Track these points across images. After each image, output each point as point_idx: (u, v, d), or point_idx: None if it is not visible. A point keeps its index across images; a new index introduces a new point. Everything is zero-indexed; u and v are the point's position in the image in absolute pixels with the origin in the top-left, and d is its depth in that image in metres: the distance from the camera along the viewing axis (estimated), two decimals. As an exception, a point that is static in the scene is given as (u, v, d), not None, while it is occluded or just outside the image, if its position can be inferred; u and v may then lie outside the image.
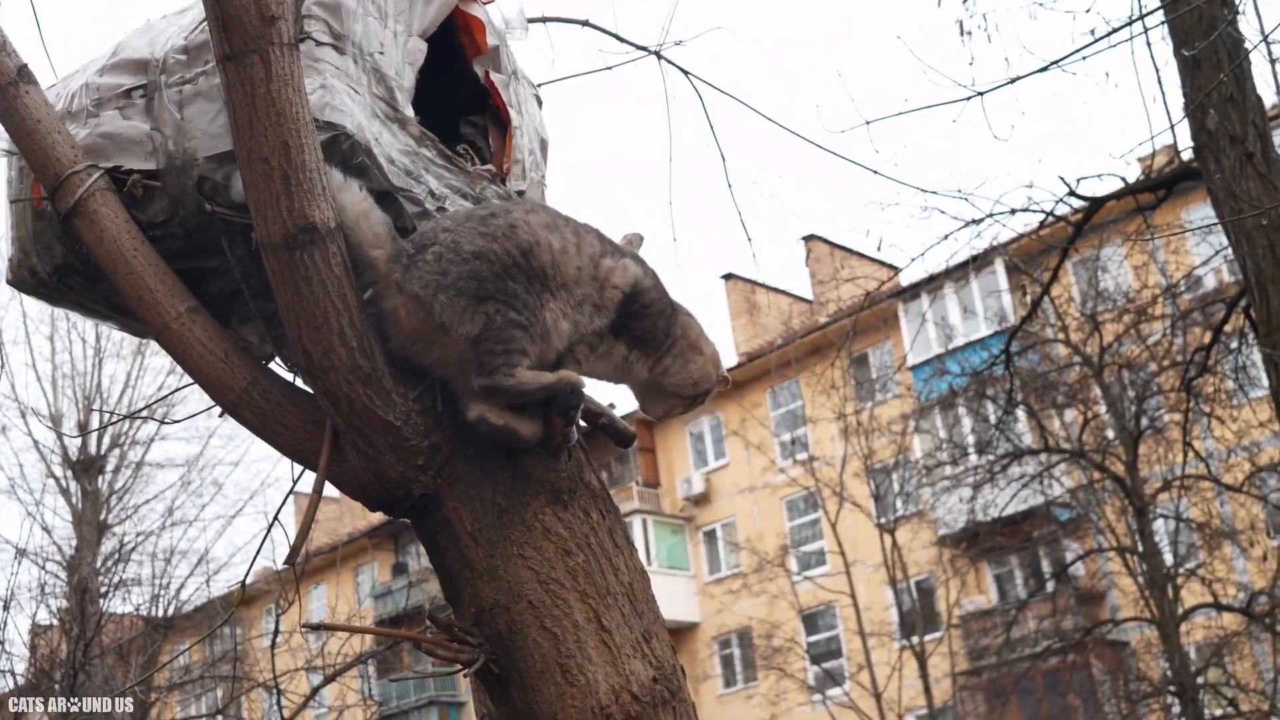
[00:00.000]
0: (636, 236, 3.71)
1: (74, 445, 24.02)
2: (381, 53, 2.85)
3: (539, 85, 4.17)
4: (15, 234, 3.07)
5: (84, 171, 2.84)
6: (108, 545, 23.37)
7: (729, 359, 33.87)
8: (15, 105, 2.88)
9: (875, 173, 5.70)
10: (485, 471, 2.72)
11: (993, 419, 19.68)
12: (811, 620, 29.85)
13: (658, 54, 4.93)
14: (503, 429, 2.65)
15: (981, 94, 6.60)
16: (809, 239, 28.86)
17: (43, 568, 21.89)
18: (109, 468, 24.29)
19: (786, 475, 27.90)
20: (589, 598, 2.67)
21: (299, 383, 2.90)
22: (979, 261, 21.84)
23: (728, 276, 34.74)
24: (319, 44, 2.74)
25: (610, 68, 4.60)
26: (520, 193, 3.16)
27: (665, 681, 2.67)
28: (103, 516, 23.80)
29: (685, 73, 5.14)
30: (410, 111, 2.89)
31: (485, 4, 3.17)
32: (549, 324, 2.71)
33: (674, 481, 34.02)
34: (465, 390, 2.67)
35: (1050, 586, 21.96)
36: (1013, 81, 6.67)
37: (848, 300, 22.08)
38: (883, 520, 23.95)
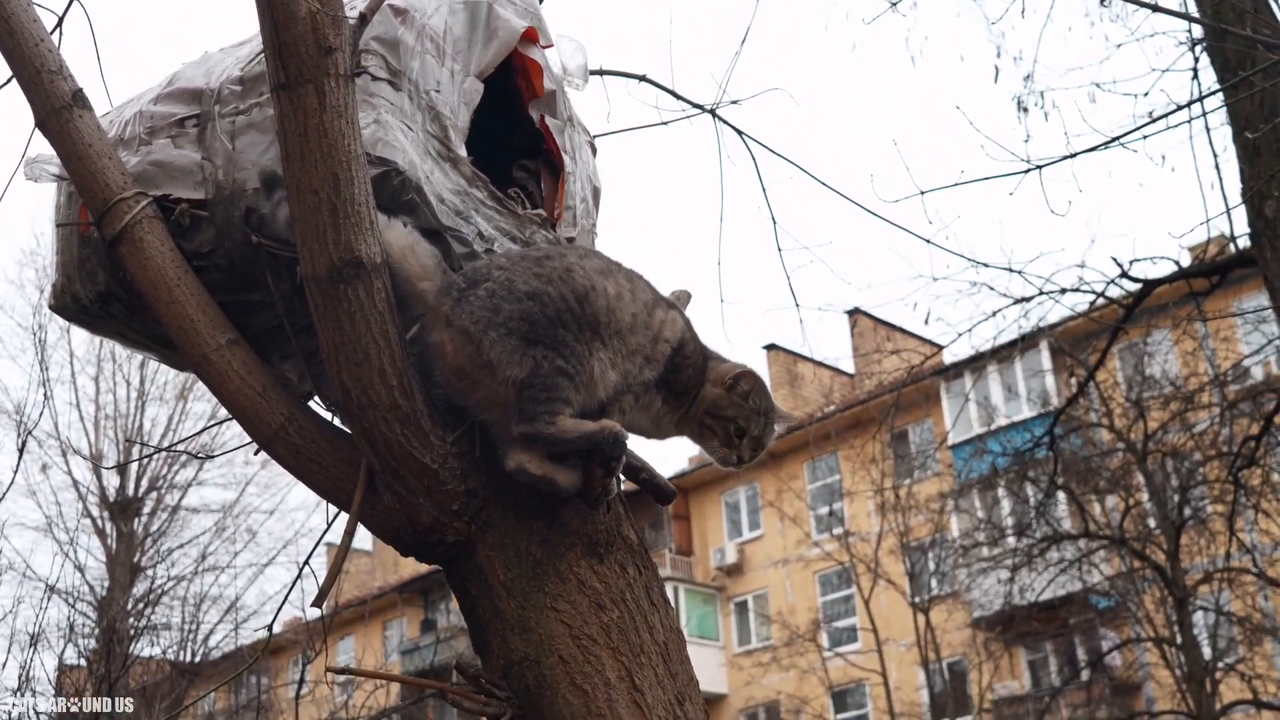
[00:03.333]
0: (684, 294, 3.66)
1: (112, 486, 24.11)
2: (438, 91, 2.81)
3: (594, 136, 4.15)
4: (60, 259, 3.05)
5: (132, 198, 2.82)
6: (140, 588, 23.41)
7: (768, 430, 33.66)
8: (68, 129, 2.87)
9: (928, 243, 5.66)
10: (521, 520, 2.66)
11: (1033, 501, 19.47)
12: (841, 698, 29.49)
13: (713, 112, 4.91)
14: (542, 479, 2.59)
15: (1039, 167, 6.52)
16: (853, 313, 28.83)
17: (73, 607, 21.92)
18: (145, 510, 24.38)
19: (821, 549, 27.65)
20: (622, 655, 2.59)
21: (337, 422, 2.85)
22: (1025, 343, 21.80)
23: (770, 347, 34.65)
24: (375, 79, 2.71)
25: (665, 123, 4.57)
26: (570, 239, 3.12)
27: (697, 746, 2.59)
28: (136, 559, 23.85)
29: (740, 133, 5.11)
30: (464, 151, 2.85)
31: (545, 48, 3.14)
32: (596, 374, 2.65)
33: (707, 550, 33.80)
34: (505, 437, 2.61)
35: (1085, 675, 21.59)
36: (1071, 156, 6.59)
37: (890, 375, 22.01)
38: (917, 599, 23.66)
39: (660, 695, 2.59)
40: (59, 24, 3.87)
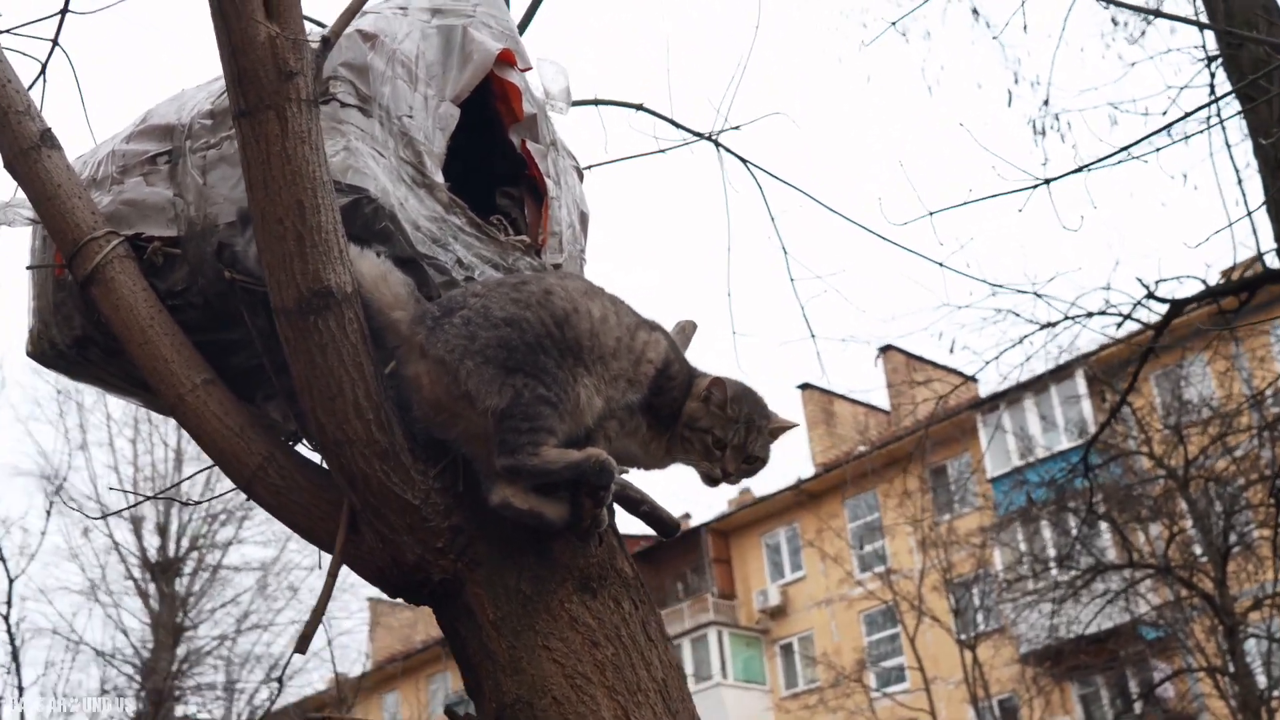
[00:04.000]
0: (690, 324, 3.56)
1: (153, 547, 24.13)
2: (410, 116, 2.73)
3: (590, 166, 4.06)
4: (36, 304, 2.98)
5: (103, 238, 2.74)
6: (183, 648, 23.40)
7: (805, 469, 33.49)
8: (36, 170, 2.81)
9: (942, 266, 5.52)
10: (509, 556, 2.55)
11: (1074, 532, 19.19)
12: (891, 739, 29.08)
13: (715, 140, 4.82)
14: (529, 513, 2.48)
15: (1048, 181, 6.38)
16: (885, 349, 28.62)
17: (118, 669, 21.93)
18: (187, 570, 24.37)
19: (864, 588, 27.36)
20: (618, 694, 2.48)
21: (320, 460, 2.76)
22: (1059, 372, 21.58)
23: (804, 386, 34.44)
24: (344, 105, 2.63)
25: (663, 150, 4.49)
26: (557, 265, 3.03)
27: (700, 788, 2.46)
28: (179, 619, 23.82)
29: (744, 161, 5.02)
30: (440, 177, 2.77)
31: (524, 71, 3.05)
32: (581, 401, 2.54)
33: (750, 593, 33.51)
34: (488, 471, 2.51)
35: (1138, 708, 21.21)
36: (1080, 170, 6.46)
37: (925, 410, 21.82)
38: (963, 636, 23.34)
39: (658, 735, 2.47)
40: (43, 70, 3.82)
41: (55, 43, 3.81)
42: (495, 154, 3.10)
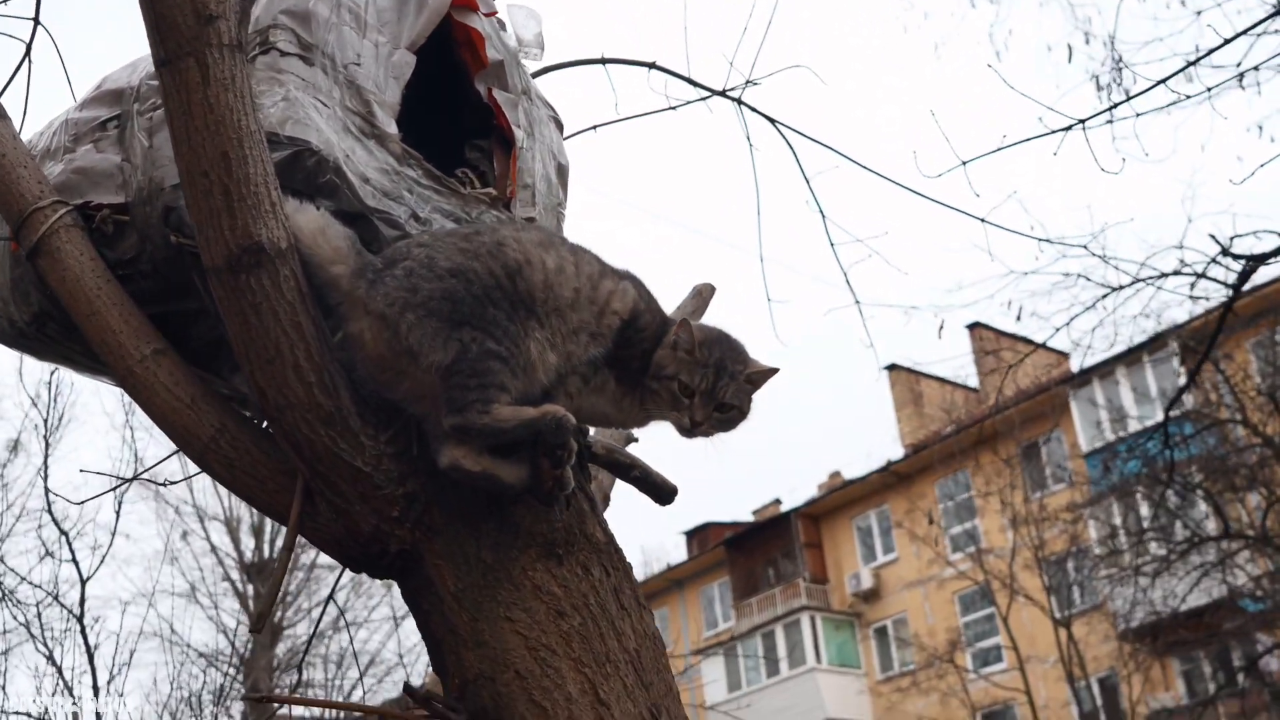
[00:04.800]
0: (707, 287, 3.40)
1: (249, 549, 24.41)
2: (358, 64, 2.59)
3: (597, 126, 3.90)
4: (-6, 282, 2.87)
5: (49, 207, 2.63)
6: (281, 647, 23.63)
7: (894, 451, 33.09)
8: (-21, 141, 2.69)
9: (983, 221, 5.26)
10: (469, 523, 2.40)
11: (1171, 505, 18.73)
12: (989, 720, 28.65)
13: (737, 100, 4.62)
14: (481, 475, 2.33)
15: (1082, 122, 6.08)
16: (974, 327, 28.15)
17: (219, 669, 22.16)
18: (283, 570, 24.59)
19: (955, 569, 26.95)
20: (585, 666, 2.32)
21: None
22: (1153, 344, 21.06)
23: (891, 367, 33.99)
24: (284, 54, 2.50)
25: (674, 107, 4.31)
26: (530, 219, 2.87)
27: (674, 764, 2.30)
28: (276, 618, 24.05)
29: (772, 121, 4.82)
30: (393, 128, 2.62)
31: (488, 16, 2.90)
32: (533, 356, 2.38)
33: (842, 577, 33.17)
34: (438, 432, 2.35)
35: (1242, 682, 20.65)
36: (1115, 106, 6.16)
37: (1013, 387, 21.37)
38: (1058, 614, 22.90)
39: (630, 709, 2.32)
40: (27, 50, 3.74)
41: (36, 20, 3.73)
42: (464, 106, 2.95)
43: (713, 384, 2.54)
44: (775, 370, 2.63)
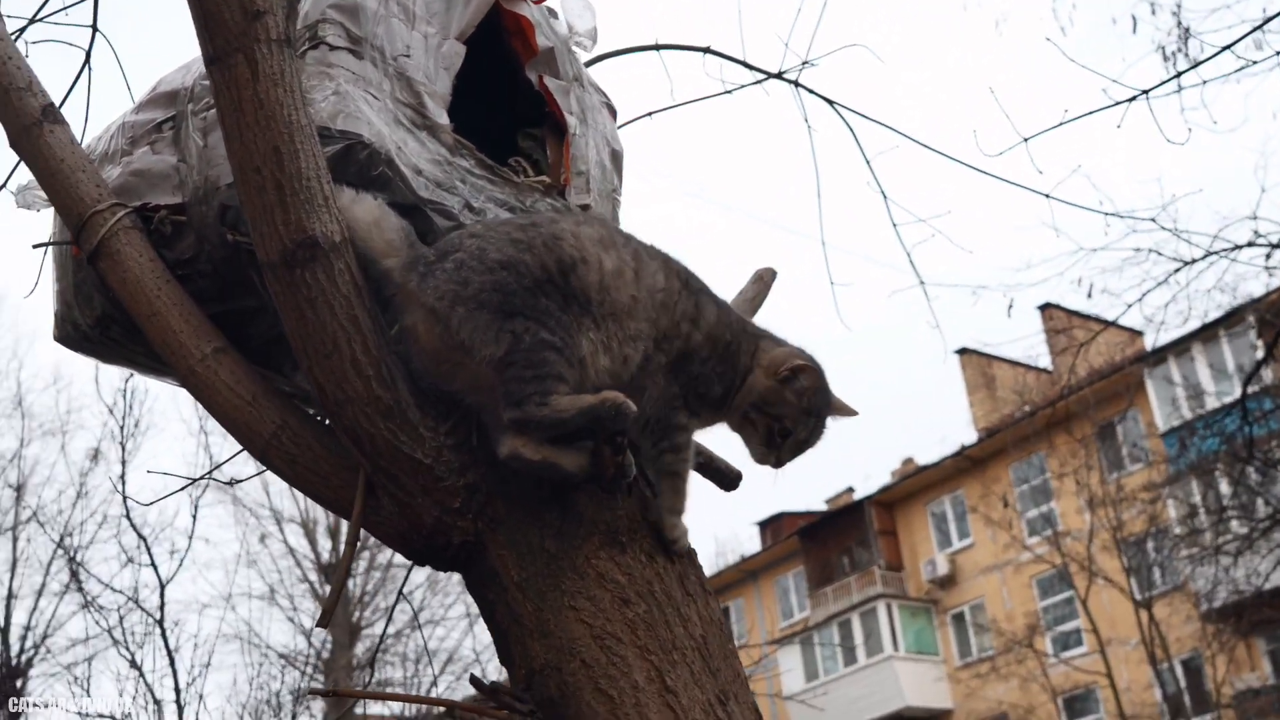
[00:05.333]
0: (768, 271, 3.36)
1: (325, 550, 24.66)
2: (408, 56, 2.59)
3: (654, 112, 3.88)
4: (58, 287, 2.90)
5: (108, 210, 2.65)
6: (360, 648, 23.84)
7: (967, 437, 32.81)
8: (39, 146, 2.72)
9: (1048, 197, 5.19)
10: (531, 512, 2.39)
11: (1250, 483, 18.42)
12: (1071, 704, 28.35)
13: (794, 81, 4.58)
14: (541, 464, 2.31)
15: (1146, 92, 5.96)
16: (1045, 308, 27.86)
17: (300, 669, 22.44)
18: (358, 570, 24.81)
19: (1033, 553, 26.70)
20: (651, 654, 2.30)
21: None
22: (1230, 320, 20.72)
23: (962, 351, 33.75)
24: (333, 48, 2.50)
25: (729, 91, 4.27)
26: (585, 207, 2.85)
27: (743, 750, 2.27)
28: (355, 618, 24.25)
29: (830, 102, 4.78)
30: (444, 119, 2.61)
31: (537, 3, 2.88)
32: (585, 352, 2.35)
33: (918, 564, 32.97)
34: (497, 423, 2.34)
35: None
36: (1180, 74, 6.03)
37: (1091, 366, 21.15)
38: (1139, 595, 22.63)
39: (697, 695, 2.29)
40: (87, 58, 3.78)
41: (94, 28, 3.77)
42: (516, 95, 2.94)
43: (809, 434, 2.53)
44: (855, 414, 2.61)
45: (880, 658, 30.88)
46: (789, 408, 2.51)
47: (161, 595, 11.09)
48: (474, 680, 2.36)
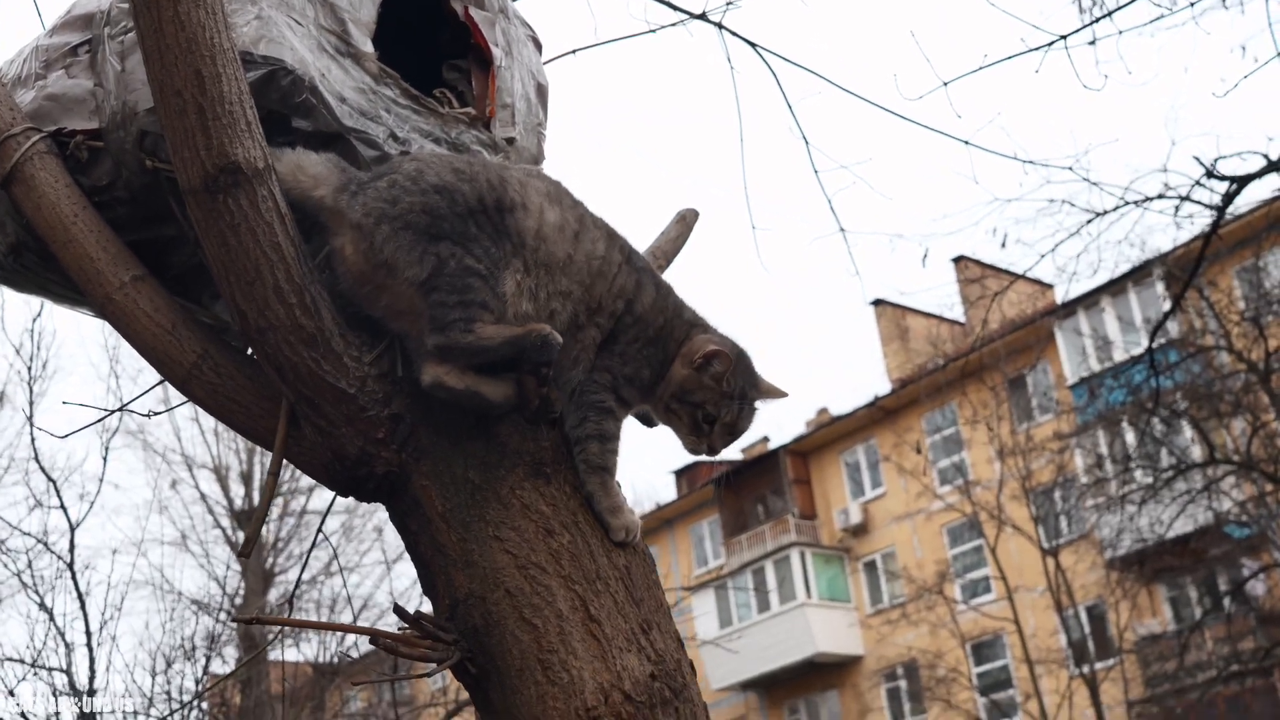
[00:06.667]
0: (691, 212, 3.37)
1: (238, 496, 24.42)
2: (332, -18, 2.54)
3: (577, 50, 3.86)
4: (-30, 216, 2.83)
5: (21, 134, 2.59)
6: (274, 594, 23.69)
7: (881, 387, 33.12)
8: (-51, 70, 2.65)
9: (967, 144, 5.23)
10: (455, 443, 2.39)
11: (1157, 433, 18.81)
12: (979, 650, 28.87)
13: (718, 24, 4.57)
14: (464, 392, 2.31)
15: (1064, 37, 6.02)
16: (959, 260, 28.14)
17: (213, 617, 22.27)
18: (272, 517, 24.63)
19: (944, 502, 27.09)
20: (575, 583, 2.31)
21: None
22: (1138, 274, 21.03)
23: (877, 302, 34.01)
24: (256, -28, 2.45)
25: (653, 30, 4.26)
26: (510, 140, 2.83)
27: (666, 678, 2.30)
28: (268, 565, 24.08)
29: (753, 45, 4.77)
30: (369, 47, 2.58)
31: (461, -69, 2.85)
32: (508, 289, 2.34)
33: (831, 512, 33.32)
34: (419, 350, 2.33)
35: (1228, 606, 20.83)
36: (1097, 20, 6.10)
37: (1003, 316, 21.36)
38: (1046, 544, 23.05)
39: (620, 625, 2.31)
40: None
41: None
42: (441, 25, 2.91)
43: (736, 416, 2.53)
44: (785, 395, 2.61)
45: (793, 605, 31.22)
46: (709, 393, 2.51)
47: (71, 538, 10.95)
48: (398, 609, 2.36)
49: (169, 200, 2.53)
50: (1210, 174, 8.19)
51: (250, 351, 2.49)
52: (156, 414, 3.41)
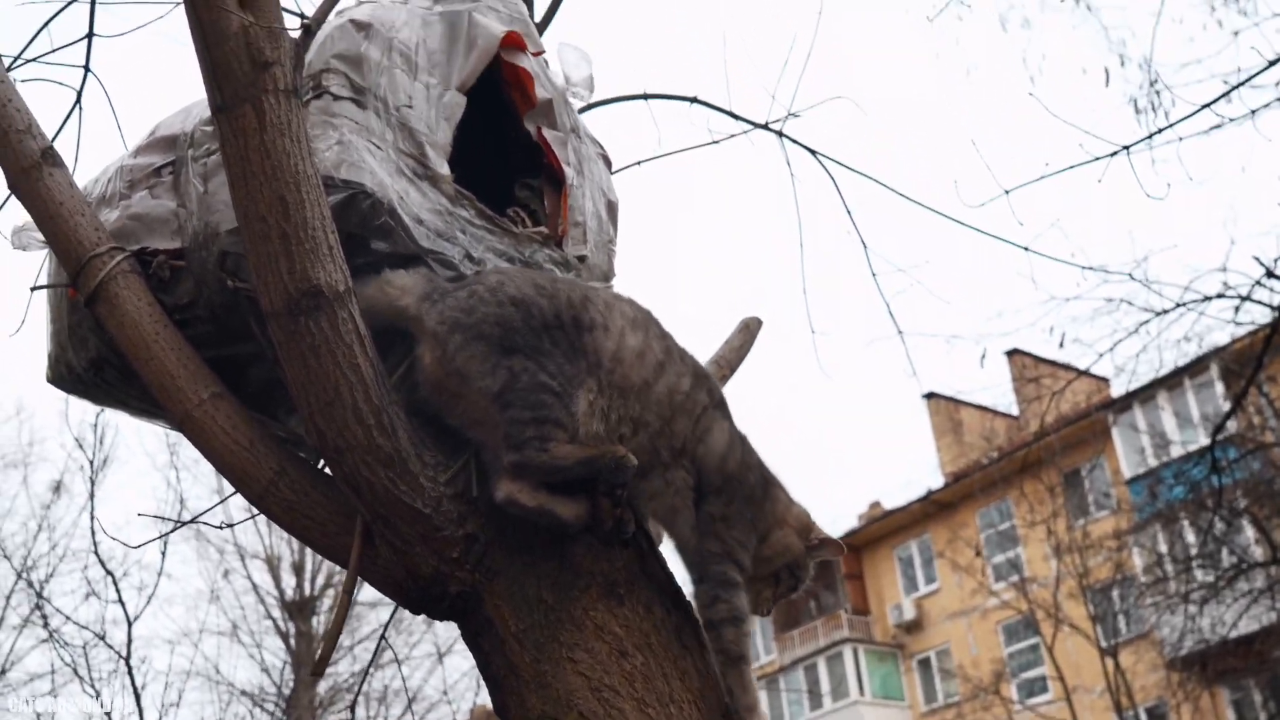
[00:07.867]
0: (754, 320, 3.40)
1: (289, 586, 24.47)
2: (410, 106, 2.60)
3: (641, 161, 3.91)
4: (53, 328, 2.90)
5: (106, 254, 2.65)
6: (323, 685, 23.64)
7: (934, 481, 32.86)
8: (38, 189, 2.72)
9: (1027, 250, 5.25)
10: (528, 564, 2.40)
11: (1214, 531, 18.52)
12: (1037, 752, 28.35)
13: (778, 132, 4.62)
14: (537, 510, 2.32)
15: (1127, 148, 6.04)
16: (1011, 353, 28.01)
17: (264, 709, 22.24)
18: (322, 608, 24.63)
19: (999, 599, 26.73)
20: (648, 706, 2.31)
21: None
22: (1194, 368, 20.86)
23: (929, 395, 33.85)
24: (337, 98, 2.51)
25: (717, 141, 4.31)
26: (582, 258, 2.87)
27: (738, 799, 2.28)
28: (317, 655, 24.02)
29: (813, 152, 4.82)
30: (445, 169, 2.63)
31: (535, 55, 2.91)
32: (580, 408, 2.36)
33: (884, 608, 32.95)
34: (495, 463, 2.35)
35: (1292, 711, 20.38)
36: (1159, 131, 6.12)
37: (1055, 414, 21.19)
38: (1104, 643, 22.67)
39: (694, 748, 2.29)
40: (78, 99, 3.78)
41: (86, 68, 3.78)
42: (513, 145, 2.96)
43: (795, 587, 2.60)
44: (844, 551, 2.67)
45: (846, 702, 30.80)
46: (806, 572, 2.60)
47: (129, 631, 10.99)
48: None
49: (249, 319, 2.57)
50: (1270, 274, 8.15)
51: (325, 469, 2.52)
52: (229, 526, 3.44)
